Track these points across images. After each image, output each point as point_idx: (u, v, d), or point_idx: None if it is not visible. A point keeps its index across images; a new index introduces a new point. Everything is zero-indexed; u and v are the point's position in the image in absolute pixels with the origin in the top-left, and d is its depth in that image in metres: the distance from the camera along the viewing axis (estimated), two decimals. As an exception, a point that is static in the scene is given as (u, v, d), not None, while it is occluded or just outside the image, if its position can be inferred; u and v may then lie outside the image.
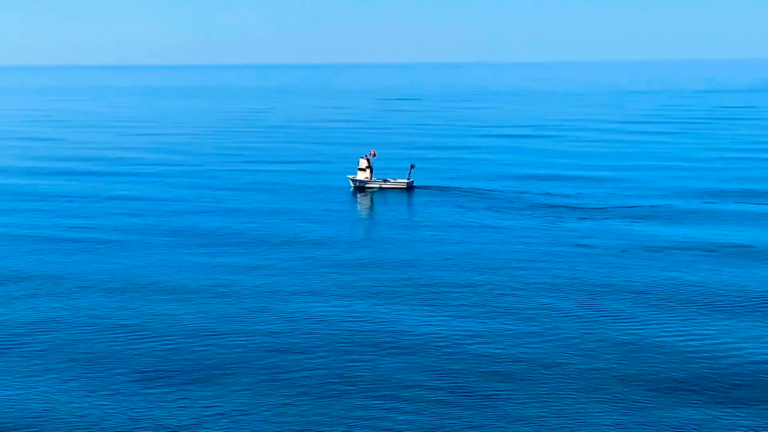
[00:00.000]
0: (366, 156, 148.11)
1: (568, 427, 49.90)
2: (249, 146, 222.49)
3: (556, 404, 53.36)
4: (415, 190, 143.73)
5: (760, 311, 73.13)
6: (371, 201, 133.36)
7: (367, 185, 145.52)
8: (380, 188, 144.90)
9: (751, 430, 49.68)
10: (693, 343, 64.70)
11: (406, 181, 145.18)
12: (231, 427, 50.12)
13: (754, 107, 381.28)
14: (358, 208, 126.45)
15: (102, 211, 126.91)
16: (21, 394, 55.75)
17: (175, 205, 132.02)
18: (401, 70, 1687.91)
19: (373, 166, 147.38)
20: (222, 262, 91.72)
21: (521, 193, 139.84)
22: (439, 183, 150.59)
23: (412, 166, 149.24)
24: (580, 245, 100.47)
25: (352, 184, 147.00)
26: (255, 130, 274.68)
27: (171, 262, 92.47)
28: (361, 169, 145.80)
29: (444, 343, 64.68)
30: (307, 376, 58.29)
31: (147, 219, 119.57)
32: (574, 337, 65.90)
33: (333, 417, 51.33)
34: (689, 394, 54.73)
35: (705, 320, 70.53)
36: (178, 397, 54.88)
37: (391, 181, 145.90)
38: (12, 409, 53.18)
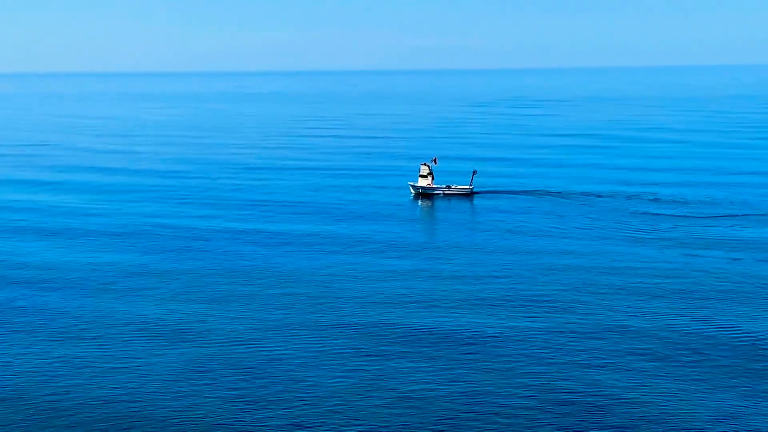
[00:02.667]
0: (427, 163, 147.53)
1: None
2: (318, 154, 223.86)
3: None
4: (479, 195, 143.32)
5: None
6: (435, 208, 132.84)
7: (430, 192, 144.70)
8: (444, 194, 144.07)
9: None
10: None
11: (469, 187, 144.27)
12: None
13: None
14: (424, 215, 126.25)
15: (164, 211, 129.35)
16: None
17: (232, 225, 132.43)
18: (497, 76, 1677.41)
19: (434, 172, 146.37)
20: (292, 267, 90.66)
21: (627, 197, 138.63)
22: (503, 187, 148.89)
23: (474, 172, 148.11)
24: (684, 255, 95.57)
25: (412, 191, 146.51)
26: (331, 137, 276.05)
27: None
28: (422, 176, 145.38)
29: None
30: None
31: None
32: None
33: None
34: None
35: None
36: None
37: (453, 187, 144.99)
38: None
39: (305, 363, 63.89)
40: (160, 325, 73.56)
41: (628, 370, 61.59)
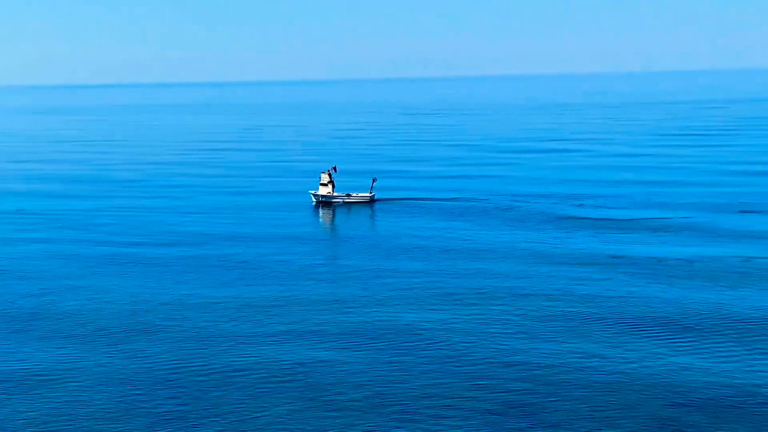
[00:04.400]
0: (328, 171, 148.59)
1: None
2: (221, 165, 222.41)
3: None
4: (379, 202, 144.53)
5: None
6: (335, 216, 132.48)
7: (330, 200, 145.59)
8: (344, 202, 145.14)
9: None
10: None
11: (369, 194, 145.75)
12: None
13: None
14: (323, 224, 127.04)
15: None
16: None
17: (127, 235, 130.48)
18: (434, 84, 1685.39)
19: (335, 180, 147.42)
20: (170, 295, 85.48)
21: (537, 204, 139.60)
22: (401, 195, 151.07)
23: (374, 180, 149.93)
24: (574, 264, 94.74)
25: (314, 200, 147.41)
26: (232, 149, 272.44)
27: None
28: (323, 184, 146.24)
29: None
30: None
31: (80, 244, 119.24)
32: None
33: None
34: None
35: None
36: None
37: (354, 195, 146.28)
38: None
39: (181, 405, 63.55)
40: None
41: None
